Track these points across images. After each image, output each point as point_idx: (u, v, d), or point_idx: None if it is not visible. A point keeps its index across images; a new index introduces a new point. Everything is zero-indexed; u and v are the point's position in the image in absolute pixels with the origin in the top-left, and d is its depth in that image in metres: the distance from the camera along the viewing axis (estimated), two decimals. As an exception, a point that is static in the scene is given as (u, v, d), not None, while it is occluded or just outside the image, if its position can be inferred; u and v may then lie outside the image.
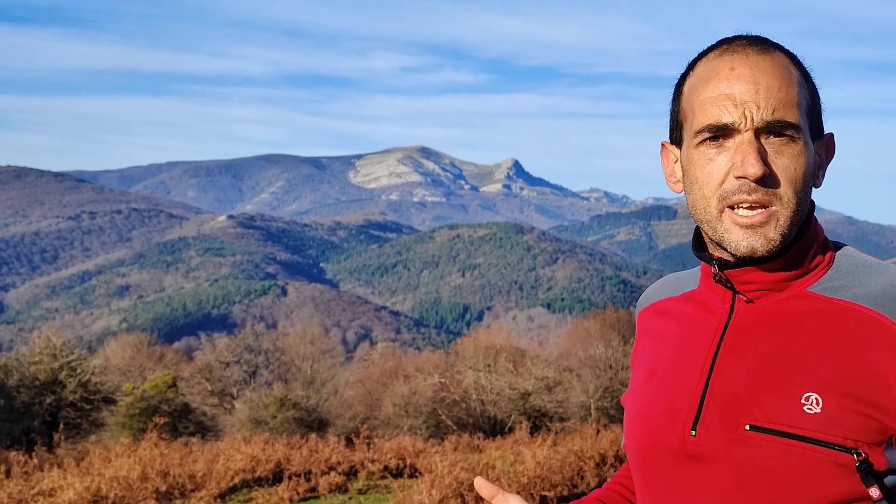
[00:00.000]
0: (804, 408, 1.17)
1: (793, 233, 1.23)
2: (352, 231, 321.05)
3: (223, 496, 9.94)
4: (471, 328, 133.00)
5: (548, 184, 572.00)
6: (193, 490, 9.90)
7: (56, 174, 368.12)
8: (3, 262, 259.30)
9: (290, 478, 10.50)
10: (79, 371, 18.66)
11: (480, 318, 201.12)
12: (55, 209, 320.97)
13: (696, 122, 1.25)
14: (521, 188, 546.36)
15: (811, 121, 1.26)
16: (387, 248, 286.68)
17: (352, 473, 11.32)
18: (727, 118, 1.21)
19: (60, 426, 16.69)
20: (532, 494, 9.37)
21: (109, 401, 19.54)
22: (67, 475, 9.63)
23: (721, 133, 1.22)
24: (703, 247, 1.34)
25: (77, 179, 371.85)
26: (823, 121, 1.30)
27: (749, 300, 1.28)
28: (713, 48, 1.29)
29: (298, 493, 10.05)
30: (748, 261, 1.24)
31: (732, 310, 1.30)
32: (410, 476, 11.23)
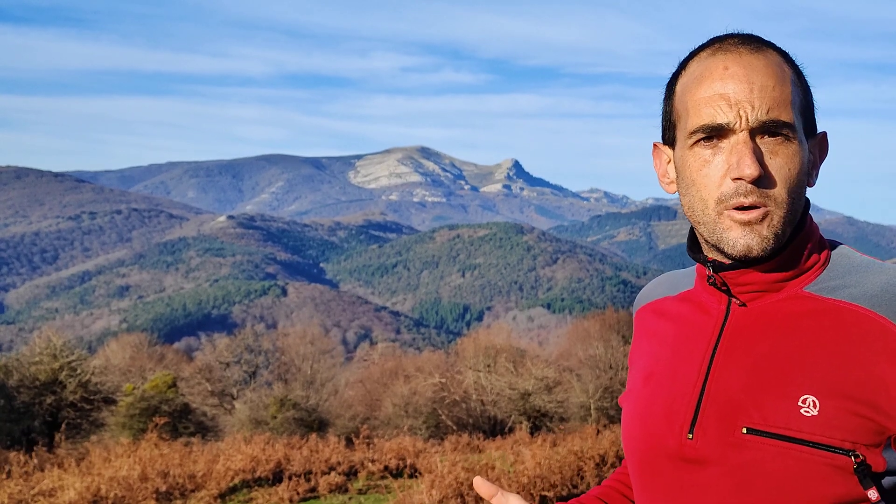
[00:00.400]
0: (801, 410, 1.16)
1: (787, 232, 1.22)
2: (352, 231, 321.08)
3: (223, 496, 9.94)
4: (471, 328, 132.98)
5: (548, 184, 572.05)
6: (193, 490, 9.90)
7: (56, 174, 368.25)
8: (3, 263, 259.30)
9: (291, 478, 10.51)
10: (79, 371, 18.66)
11: (480, 319, 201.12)
12: (55, 209, 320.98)
13: (691, 123, 1.23)
14: (521, 188, 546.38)
15: (805, 119, 1.25)
16: (387, 249, 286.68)
17: (352, 473, 11.32)
18: (722, 118, 1.19)
19: (62, 427, 16.69)
20: (532, 494, 9.37)
21: (109, 401, 19.54)
22: (67, 475, 9.64)
23: (716, 134, 1.21)
24: (698, 248, 1.33)
25: (77, 179, 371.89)
26: (819, 120, 1.29)
27: (742, 303, 1.27)
28: (705, 47, 1.27)
29: (298, 494, 10.05)
30: (743, 262, 1.23)
31: (728, 311, 1.29)
32: (410, 476, 11.24)
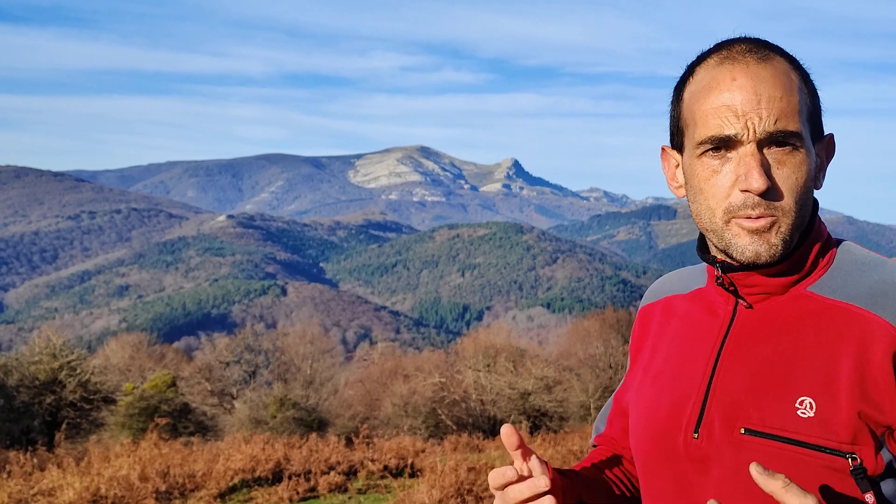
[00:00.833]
0: (798, 412, 1.17)
1: (794, 238, 1.24)
2: (351, 231, 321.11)
3: (223, 496, 9.94)
4: (470, 328, 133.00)
5: (547, 183, 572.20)
6: (193, 490, 9.90)
7: (56, 174, 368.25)
8: (3, 262, 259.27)
9: (290, 477, 10.50)
10: (78, 371, 18.67)
11: (480, 318, 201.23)
12: (55, 209, 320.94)
13: (699, 133, 1.24)
14: (521, 188, 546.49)
15: (812, 125, 1.26)
16: (386, 248, 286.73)
17: (352, 473, 11.31)
18: (729, 130, 1.20)
19: (62, 426, 16.69)
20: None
21: (109, 400, 19.55)
22: (67, 475, 9.63)
23: (724, 144, 1.22)
24: (708, 248, 1.34)
25: (77, 179, 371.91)
26: (824, 121, 1.30)
27: (749, 305, 1.29)
28: (712, 53, 1.27)
29: (298, 493, 10.04)
30: (751, 266, 1.25)
31: (735, 313, 1.31)
32: (410, 476, 11.24)
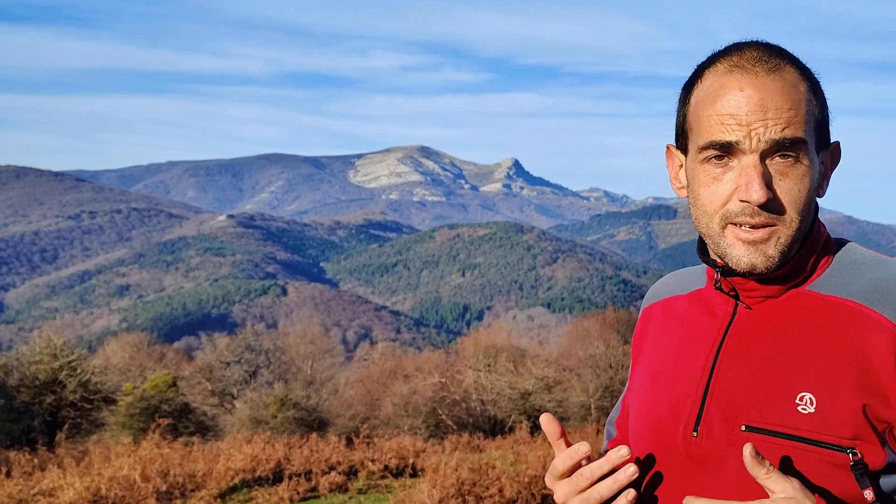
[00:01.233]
0: (798, 408, 1.18)
1: (793, 250, 1.24)
2: (352, 231, 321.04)
3: (223, 496, 9.94)
4: (471, 328, 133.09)
5: (548, 183, 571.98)
6: (194, 490, 9.89)
7: (56, 173, 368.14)
8: (3, 262, 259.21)
9: (291, 477, 10.50)
10: (79, 371, 18.67)
11: (480, 318, 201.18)
12: (55, 209, 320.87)
13: (702, 139, 1.24)
14: (521, 188, 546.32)
15: (818, 134, 1.26)
16: (387, 248, 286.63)
17: (352, 473, 11.31)
18: (731, 137, 1.20)
19: (63, 426, 16.69)
20: (533, 494, 9.37)
21: (109, 400, 19.55)
22: (67, 475, 9.63)
23: (726, 152, 1.22)
24: (708, 250, 1.35)
25: (77, 179, 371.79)
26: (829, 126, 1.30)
27: (748, 307, 1.30)
28: (722, 58, 1.27)
29: (299, 493, 10.04)
30: (748, 275, 1.25)
31: (734, 313, 1.31)
32: (411, 476, 11.23)
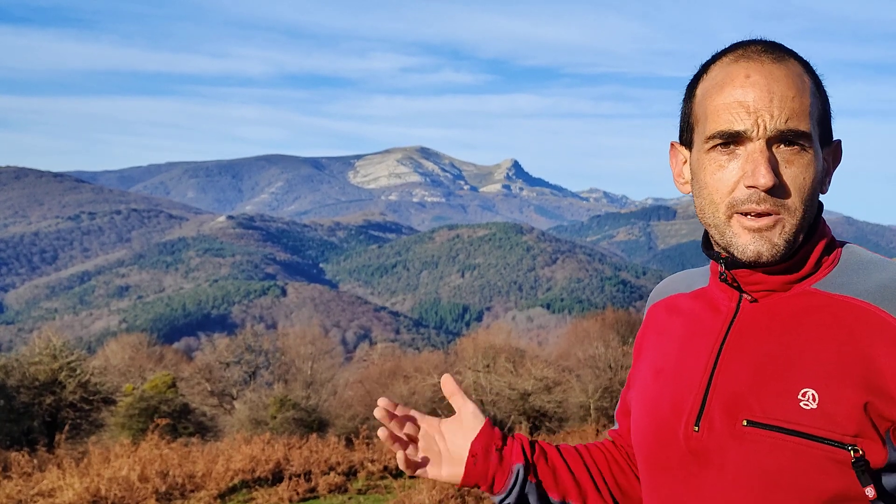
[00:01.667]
0: (800, 403, 1.18)
1: (798, 239, 1.24)
2: (351, 231, 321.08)
3: (223, 496, 9.94)
4: (470, 328, 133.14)
5: (547, 184, 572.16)
6: (193, 490, 9.90)
7: (55, 174, 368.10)
8: (3, 263, 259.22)
9: (290, 478, 10.50)
10: (78, 371, 18.67)
11: (480, 319, 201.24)
12: (55, 209, 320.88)
13: (709, 128, 1.25)
14: (521, 188, 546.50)
15: (821, 129, 1.27)
16: (386, 249, 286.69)
17: (351, 473, 11.32)
18: (739, 126, 1.21)
19: (63, 427, 16.69)
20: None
21: (109, 401, 19.55)
22: (67, 475, 9.63)
23: (733, 140, 1.23)
24: (712, 245, 1.35)
25: (76, 180, 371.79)
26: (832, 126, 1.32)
27: (753, 300, 1.30)
28: (728, 52, 1.28)
29: (298, 494, 10.05)
30: (754, 264, 1.26)
31: (738, 309, 1.32)
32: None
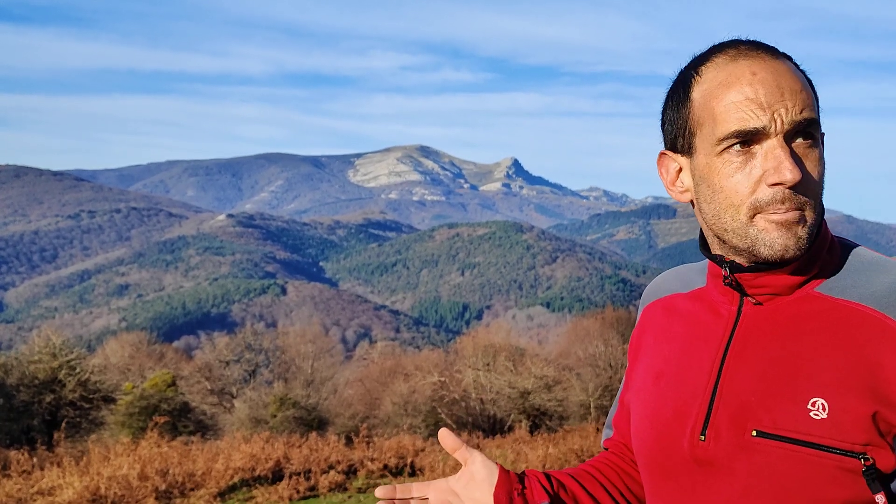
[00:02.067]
0: (810, 413, 1.16)
1: (815, 234, 1.22)
2: (351, 230, 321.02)
3: (223, 495, 9.94)
4: (470, 327, 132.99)
5: (547, 183, 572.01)
6: (193, 489, 9.89)
7: (55, 173, 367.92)
8: (3, 261, 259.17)
9: (290, 476, 10.50)
10: (78, 370, 18.65)
11: (480, 317, 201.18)
12: (54, 208, 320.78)
13: (720, 130, 1.20)
14: (521, 187, 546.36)
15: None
16: (386, 247, 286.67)
17: (351, 472, 11.31)
18: (756, 123, 1.18)
19: (62, 425, 16.67)
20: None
21: (109, 400, 19.53)
22: (66, 474, 9.62)
23: (749, 139, 1.19)
24: (709, 247, 1.32)
25: (76, 178, 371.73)
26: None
27: (757, 303, 1.27)
28: (718, 53, 1.25)
29: (298, 492, 10.04)
30: (771, 264, 1.22)
31: (740, 313, 1.29)
32: (410, 475, 11.24)
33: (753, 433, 1.19)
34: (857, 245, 1.32)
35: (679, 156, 1.31)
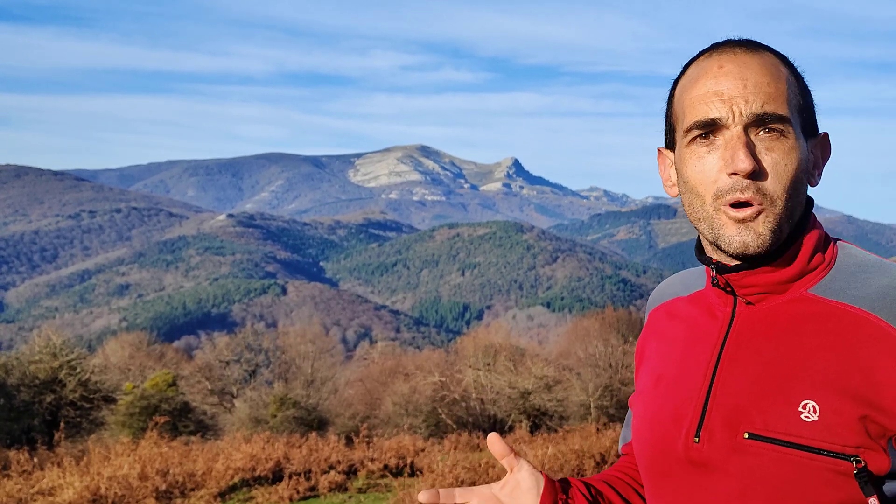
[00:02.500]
0: (802, 416, 1.17)
1: (785, 230, 1.22)
2: (351, 230, 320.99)
3: (223, 495, 9.94)
4: (470, 327, 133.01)
5: (548, 182, 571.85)
6: (193, 489, 9.89)
7: (56, 173, 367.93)
8: (3, 261, 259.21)
9: (290, 477, 10.50)
10: (78, 370, 18.66)
11: (480, 317, 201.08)
12: (55, 208, 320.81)
13: (686, 121, 1.26)
14: (521, 187, 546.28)
15: (803, 119, 1.26)
16: (386, 247, 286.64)
17: (351, 472, 11.31)
18: (714, 113, 1.21)
19: (62, 425, 16.68)
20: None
21: (109, 400, 19.53)
22: (67, 474, 9.62)
23: (710, 129, 1.23)
24: (704, 250, 1.34)
25: (77, 178, 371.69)
26: (819, 118, 1.31)
27: (749, 302, 1.28)
28: (703, 52, 1.30)
29: (298, 492, 10.04)
30: (744, 261, 1.25)
31: (734, 314, 1.30)
32: (410, 475, 11.23)
33: (745, 435, 1.20)
34: (850, 245, 1.32)
35: (669, 151, 1.37)
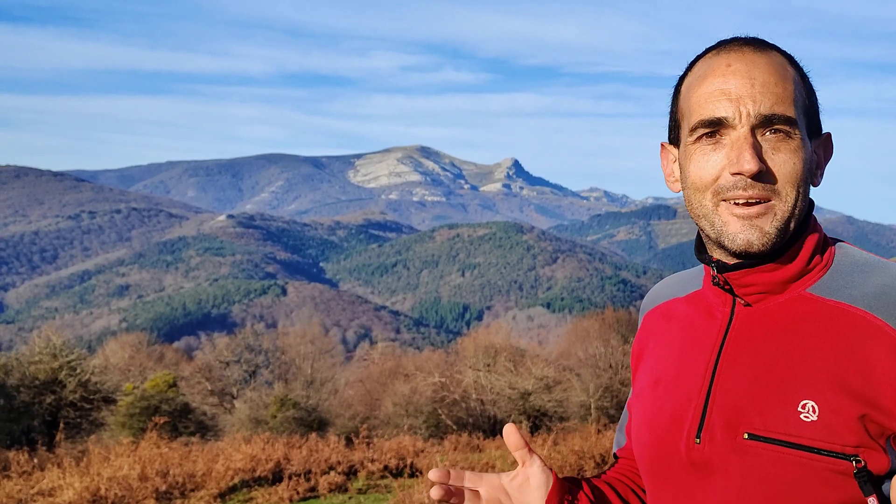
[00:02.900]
0: (801, 416, 1.17)
1: (789, 229, 1.23)
2: (351, 231, 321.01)
3: (223, 496, 9.93)
4: (470, 328, 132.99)
5: (547, 183, 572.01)
6: (193, 490, 9.89)
7: (55, 173, 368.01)
8: (3, 262, 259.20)
9: (290, 477, 10.49)
10: (78, 371, 18.65)
11: (480, 318, 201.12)
12: (55, 209, 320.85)
13: (693, 119, 1.26)
14: (521, 188, 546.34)
15: (808, 119, 1.27)
16: (386, 248, 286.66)
17: (352, 473, 11.31)
18: (721, 113, 1.22)
19: (61, 426, 16.68)
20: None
21: (109, 400, 19.52)
22: (67, 475, 9.62)
23: (716, 128, 1.23)
24: (705, 249, 1.34)
25: (76, 179, 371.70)
26: (822, 121, 1.31)
27: (747, 304, 1.28)
28: (710, 49, 1.30)
29: (298, 493, 10.04)
30: (745, 259, 1.25)
31: (732, 314, 1.30)
32: (410, 476, 11.23)
33: (745, 436, 1.21)
34: (849, 245, 1.32)
35: (673, 147, 1.38)
